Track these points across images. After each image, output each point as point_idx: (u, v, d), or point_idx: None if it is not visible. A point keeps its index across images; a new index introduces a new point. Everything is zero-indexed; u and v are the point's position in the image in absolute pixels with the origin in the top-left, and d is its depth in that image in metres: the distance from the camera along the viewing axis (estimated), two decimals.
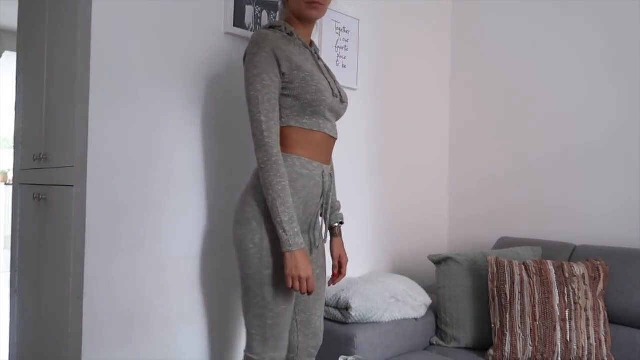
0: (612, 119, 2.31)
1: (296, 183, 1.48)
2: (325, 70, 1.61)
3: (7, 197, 5.71)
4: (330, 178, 1.58)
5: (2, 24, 5.36)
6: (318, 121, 1.52)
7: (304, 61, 1.50)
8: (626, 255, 2.05)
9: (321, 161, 1.55)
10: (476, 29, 2.84)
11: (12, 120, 2.51)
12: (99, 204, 1.58)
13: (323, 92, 1.50)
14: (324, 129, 1.54)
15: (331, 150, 1.62)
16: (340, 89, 1.62)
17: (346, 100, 1.63)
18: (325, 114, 1.53)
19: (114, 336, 1.62)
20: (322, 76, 1.54)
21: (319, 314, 1.67)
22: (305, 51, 1.55)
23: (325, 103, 1.51)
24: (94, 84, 1.57)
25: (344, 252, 1.76)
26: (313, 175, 1.52)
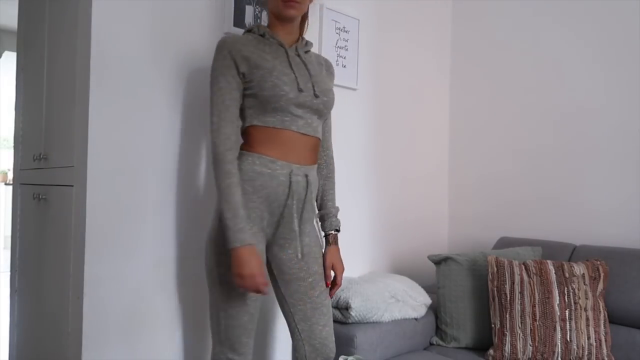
0: (612, 118, 2.31)
1: (255, 182, 1.46)
2: (302, 66, 1.54)
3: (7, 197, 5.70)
4: (305, 179, 1.52)
5: (2, 24, 5.36)
6: (283, 119, 1.48)
7: (270, 59, 1.48)
8: (626, 255, 2.05)
9: (290, 160, 1.49)
10: (476, 29, 2.84)
11: (12, 120, 2.51)
12: (99, 204, 1.58)
13: (281, 86, 1.45)
14: (291, 126, 1.48)
15: (310, 149, 1.55)
16: (317, 83, 1.53)
17: (325, 95, 1.54)
18: (291, 110, 1.47)
19: (114, 336, 1.62)
20: (287, 71, 1.48)
21: (322, 323, 1.59)
22: (279, 49, 1.53)
23: (285, 98, 1.45)
24: (94, 84, 1.57)
25: (339, 261, 1.67)
26: (276, 175, 1.47)
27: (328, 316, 1.61)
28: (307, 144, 1.54)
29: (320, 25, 2.21)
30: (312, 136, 1.54)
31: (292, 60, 1.52)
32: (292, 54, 1.55)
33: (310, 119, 1.53)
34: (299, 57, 1.56)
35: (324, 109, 1.55)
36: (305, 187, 1.52)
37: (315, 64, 1.62)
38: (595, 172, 2.36)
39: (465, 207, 2.86)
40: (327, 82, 1.61)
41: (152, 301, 1.70)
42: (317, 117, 1.55)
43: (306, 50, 1.61)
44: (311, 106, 1.52)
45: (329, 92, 1.57)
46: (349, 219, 2.37)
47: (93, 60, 1.56)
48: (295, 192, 1.50)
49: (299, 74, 1.51)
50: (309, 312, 1.58)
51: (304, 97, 1.49)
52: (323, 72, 1.63)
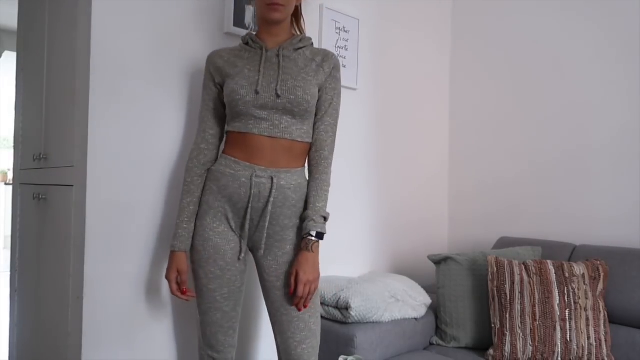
0: (612, 119, 2.31)
1: (219, 182, 1.53)
2: (275, 66, 1.52)
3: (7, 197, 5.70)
4: (270, 181, 1.48)
5: (2, 24, 5.36)
6: (247, 122, 1.50)
7: (240, 65, 1.54)
8: (626, 255, 2.05)
9: (255, 162, 1.49)
10: (476, 29, 2.84)
11: (12, 120, 2.51)
12: (99, 204, 1.58)
13: (237, 91, 1.49)
14: (253, 129, 1.49)
15: (283, 152, 1.51)
16: (284, 82, 1.49)
17: (290, 93, 1.48)
18: (253, 114, 1.49)
19: (114, 336, 1.62)
20: (251, 74, 1.51)
21: (297, 339, 1.50)
22: (256, 53, 1.56)
23: (242, 102, 1.48)
24: (94, 84, 1.57)
25: (303, 269, 1.46)
26: (237, 176, 1.50)
27: (307, 333, 1.51)
28: (277, 147, 1.50)
29: (320, 25, 2.21)
30: (281, 138, 1.50)
31: (265, 62, 1.53)
32: (271, 55, 1.54)
33: (278, 120, 1.50)
34: (278, 57, 1.54)
35: (293, 108, 1.49)
36: (270, 189, 1.48)
37: (302, 60, 1.56)
38: (595, 173, 2.36)
39: (465, 207, 2.86)
40: (305, 78, 1.52)
41: (152, 301, 1.71)
42: (289, 117, 1.51)
43: (297, 47, 1.57)
44: (275, 107, 1.49)
45: (297, 90, 1.49)
46: (349, 218, 2.37)
47: (93, 60, 1.56)
48: (256, 194, 1.49)
49: (266, 75, 1.51)
50: (285, 325, 1.51)
51: (263, 99, 1.48)
52: (307, 69, 1.55)
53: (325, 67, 1.58)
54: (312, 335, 1.52)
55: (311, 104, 1.52)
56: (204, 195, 1.56)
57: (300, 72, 1.53)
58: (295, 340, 1.50)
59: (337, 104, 1.61)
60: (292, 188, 1.52)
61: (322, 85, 1.57)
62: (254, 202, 1.50)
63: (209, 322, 1.55)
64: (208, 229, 1.53)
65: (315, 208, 1.51)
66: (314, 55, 1.59)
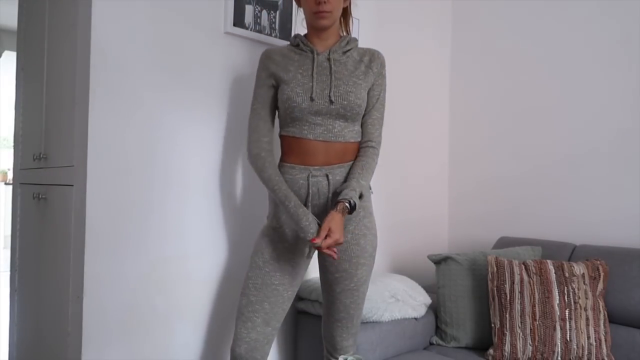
0: (612, 119, 2.31)
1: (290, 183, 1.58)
2: (327, 71, 1.57)
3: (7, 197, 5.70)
4: (326, 178, 1.55)
5: (2, 23, 5.36)
6: (302, 127, 1.55)
7: (293, 70, 1.57)
8: (626, 254, 2.05)
9: (309, 164, 1.56)
10: (476, 29, 2.84)
11: (12, 119, 2.51)
12: (99, 204, 1.58)
13: (293, 98, 1.53)
14: (309, 135, 1.55)
15: (335, 154, 1.57)
16: (336, 87, 1.54)
17: (343, 99, 1.54)
18: (308, 119, 1.55)
19: (114, 336, 1.62)
20: (305, 81, 1.55)
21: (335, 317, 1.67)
22: (307, 57, 1.59)
23: (298, 109, 1.53)
24: (94, 84, 1.57)
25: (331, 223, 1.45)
26: (296, 179, 1.56)
27: (344, 315, 1.64)
28: (330, 150, 1.57)
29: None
30: (335, 142, 1.56)
31: (317, 67, 1.57)
32: (321, 59, 1.59)
33: (332, 124, 1.56)
34: (329, 61, 1.58)
35: (345, 113, 1.55)
36: (327, 185, 1.55)
37: (352, 63, 1.61)
38: (595, 173, 2.36)
39: (465, 206, 2.86)
40: (356, 82, 1.57)
41: (152, 301, 1.71)
42: (342, 121, 1.57)
43: (345, 50, 1.62)
44: (328, 112, 1.55)
45: (349, 95, 1.55)
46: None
47: (93, 60, 1.56)
48: (315, 192, 1.55)
49: (319, 80, 1.55)
50: (329, 304, 1.66)
51: (317, 105, 1.53)
52: (357, 72, 1.59)
53: (374, 67, 1.63)
54: (349, 317, 1.65)
55: (362, 107, 1.59)
56: (270, 199, 1.63)
57: (351, 76, 1.58)
58: (333, 317, 1.66)
59: (384, 98, 1.67)
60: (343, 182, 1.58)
61: (371, 85, 1.62)
62: (314, 200, 1.55)
63: (238, 306, 1.61)
64: (271, 227, 1.62)
65: (360, 183, 1.54)
66: (361, 56, 1.64)
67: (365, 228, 1.62)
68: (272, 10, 1.99)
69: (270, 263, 1.58)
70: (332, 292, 1.63)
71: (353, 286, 1.61)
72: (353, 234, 1.60)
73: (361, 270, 1.61)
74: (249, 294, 1.58)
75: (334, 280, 1.61)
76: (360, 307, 1.66)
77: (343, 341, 1.67)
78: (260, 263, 1.59)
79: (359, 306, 1.66)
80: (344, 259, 1.59)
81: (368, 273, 1.64)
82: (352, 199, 1.48)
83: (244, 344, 1.56)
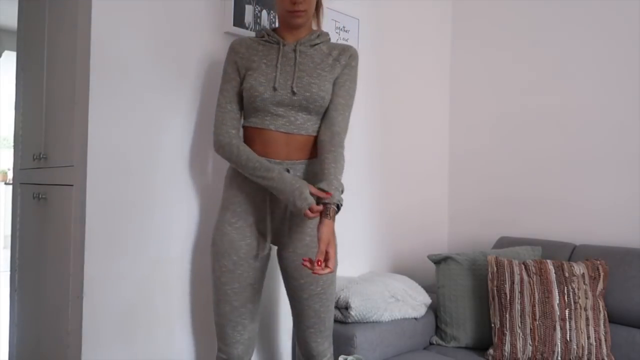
0: (612, 118, 2.31)
1: (238, 178, 1.56)
2: (292, 62, 1.54)
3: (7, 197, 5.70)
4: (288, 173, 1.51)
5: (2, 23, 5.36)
6: (264, 118, 1.53)
7: (257, 60, 1.55)
8: (626, 254, 2.05)
9: (270, 157, 1.53)
10: (476, 28, 2.84)
11: (12, 119, 2.51)
12: (99, 204, 1.58)
13: (256, 87, 1.51)
14: (270, 125, 1.52)
15: (297, 147, 1.54)
16: (300, 79, 1.51)
17: (306, 90, 1.51)
18: (270, 110, 1.52)
19: (114, 335, 1.62)
20: (269, 70, 1.53)
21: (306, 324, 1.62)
22: (273, 48, 1.57)
23: (260, 98, 1.51)
24: (94, 84, 1.57)
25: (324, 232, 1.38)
26: None
27: (315, 319, 1.59)
28: (292, 143, 1.54)
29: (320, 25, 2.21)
30: (297, 134, 1.54)
31: (282, 58, 1.55)
32: (287, 50, 1.57)
33: (294, 116, 1.53)
34: (294, 52, 1.56)
35: (308, 105, 1.53)
36: None
37: (319, 56, 1.59)
38: (595, 172, 2.36)
39: (465, 206, 2.86)
40: (320, 74, 1.54)
41: (152, 301, 1.71)
42: (305, 114, 1.54)
43: (314, 43, 1.60)
44: (291, 104, 1.52)
45: (312, 86, 1.52)
46: (349, 218, 2.37)
47: (93, 60, 1.56)
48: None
49: (283, 71, 1.53)
50: (298, 312, 1.62)
51: (280, 95, 1.51)
52: (322, 64, 1.57)
53: (342, 60, 1.60)
54: (320, 321, 1.60)
55: (326, 100, 1.55)
56: (225, 191, 1.60)
57: (316, 67, 1.56)
58: (305, 324, 1.61)
59: (350, 88, 1.60)
60: (310, 179, 1.54)
61: (337, 79, 1.59)
62: (273, 195, 1.52)
63: (219, 313, 1.57)
64: (227, 224, 1.56)
65: (337, 179, 1.46)
66: (330, 50, 1.61)
67: None
68: (272, 10, 1.99)
69: (240, 264, 1.54)
70: (300, 299, 1.59)
71: (320, 290, 1.57)
72: (311, 236, 1.56)
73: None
74: (230, 300, 1.54)
75: (299, 286, 1.58)
76: (330, 309, 1.63)
77: (319, 346, 1.62)
78: (230, 266, 1.53)
79: (329, 308, 1.62)
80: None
81: (333, 275, 1.59)
82: (339, 202, 1.43)
83: (240, 345, 1.58)
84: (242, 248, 1.54)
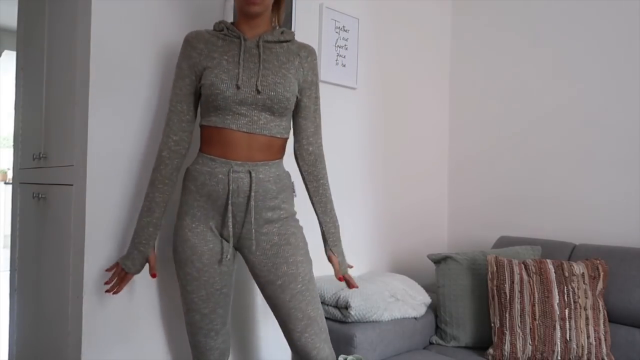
0: (612, 117, 2.31)
1: (197, 181, 1.48)
2: (256, 59, 1.48)
3: (7, 196, 5.71)
4: (249, 176, 1.45)
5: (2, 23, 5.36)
6: (225, 117, 1.45)
7: (217, 56, 1.47)
8: (626, 254, 2.05)
9: (231, 158, 1.46)
10: (476, 28, 2.84)
11: (11, 119, 2.51)
12: (99, 203, 1.58)
13: (217, 85, 1.43)
14: (231, 125, 1.45)
15: (259, 148, 1.48)
16: (264, 77, 1.45)
17: (270, 89, 1.45)
18: (232, 109, 1.44)
19: (114, 335, 1.62)
20: (231, 67, 1.45)
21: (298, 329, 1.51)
22: (233, 43, 1.50)
23: (221, 97, 1.42)
24: (94, 83, 1.57)
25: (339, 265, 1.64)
26: (214, 173, 1.46)
27: (307, 321, 1.49)
28: (254, 143, 1.47)
29: (319, 25, 2.21)
30: (259, 135, 1.47)
31: (244, 54, 1.47)
32: (250, 45, 1.49)
33: (257, 116, 1.46)
34: (258, 48, 1.49)
35: (272, 105, 1.46)
36: (249, 183, 1.45)
37: (284, 55, 1.52)
38: (594, 171, 2.36)
39: (465, 206, 2.87)
40: (284, 74, 1.49)
41: (152, 301, 1.71)
42: (268, 114, 1.47)
43: (278, 40, 1.53)
44: (254, 103, 1.45)
45: (277, 86, 1.46)
46: (349, 218, 2.37)
47: (93, 60, 1.56)
48: (235, 189, 1.45)
49: (246, 67, 1.46)
50: (284, 318, 1.51)
51: (243, 94, 1.44)
52: (288, 64, 1.52)
53: (309, 61, 1.56)
54: (313, 322, 1.50)
55: (291, 101, 1.50)
56: (183, 195, 1.52)
57: (281, 67, 1.49)
58: (297, 331, 1.49)
59: (317, 91, 1.61)
60: (272, 180, 1.49)
61: (303, 81, 1.55)
62: (234, 198, 1.45)
63: (189, 322, 1.53)
64: (187, 229, 1.48)
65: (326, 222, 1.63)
66: (299, 50, 1.56)
67: (292, 227, 1.53)
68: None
69: (205, 270, 1.47)
70: (283, 303, 1.49)
71: (301, 287, 1.50)
72: (279, 235, 1.51)
73: (302, 268, 1.51)
74: (199, 308, 1.49)
75: (279, 289, 1.49)
76: (318, 306, 1.53)
77: (320, 352, 1.50)
78: (195, 274, 1.47)
79: (317, 306, 1.53)
80: (279, 262, 1.49)
81: (310, 270, 1.54)
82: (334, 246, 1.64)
83: (216, 350, 1.56)
84: (205, 254, 1.47)
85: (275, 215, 1.51)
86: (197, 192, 1.48)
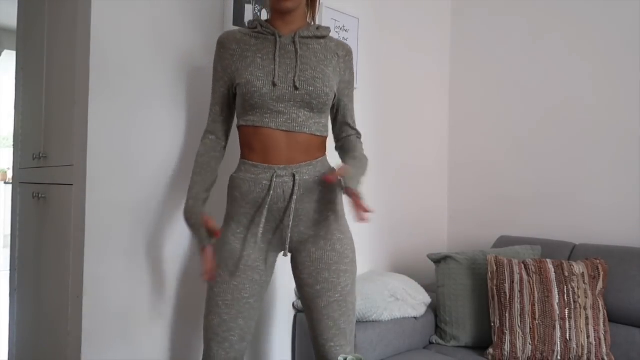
0: (611, 117, 2.31)
1: (241, 188, 1.44)
2: (292, 55, 1.43)
3: (7, 196, 5.71)
4: (292, 179, 1.41)
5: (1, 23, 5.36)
6: (263, 116, 1.41)
7: (251, 54, 1.44)
8: (625, 253, 2.05)
9: (273, 162, 1.42)
10: (475, 28, 2.84)
11: (11, 119, 2.51)
12: (98, 203, 1.58)
13: (253, 82, 1.38)
14: (270, 123, 1.40)
15: (300, 148, 1.43)
16: (302, 72, 1.41)
17: (309, 84, 1.41)
18: (269, 107, 1.40)
19: (114, 335, 1.62)
20: (266, 64, 1.41)
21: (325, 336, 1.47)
22: (268, 40, 1.46)
23: (258, 94, 1.38)
24: (94, 83, 1.57)
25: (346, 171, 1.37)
26: (259, 180, 1.42)
27: (336, 331, 1.46)
28: (293, 143, 1.42)
29: (320, 22, 2.21)
30: (299, 133, 1.42)
31: (279, 50, 1.43)
32: (285, 41, 1.45)
33: (296, 113, 1.41)
34: (294, 44, 1.44)
35: (311, 100, 1.41)
36: (292, 187, 1.40)
37: (321, 51, 1.48)
38: (594, 171, 2.36)
39: (464, 205, 2.87)
40: (323, 70, 1.45)
41: (152, 300, 1.71)
42: (307, 111, 1.43)
43: (314, 35, 1.49)
44: (292, 99, 1.40)
45: (316, 81, 1.41)
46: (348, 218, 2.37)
47: (93, 59, 1.56)
48: (278, 193, 1.41)
49: (282, 64, 1.42)
50: (315, 322, 1.48)
51: (280, 90, 1.39)
52: (326, 61, 1.48)
53: (347, 60, 1.54)
54: (342, 334, 1.47)
55: (330, 97, 1.45)
56: (228, 204, 1.49)
57: (320, 63, 1.45)
58: (323, 338, 1.46)
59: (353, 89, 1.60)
60: (317, 180, 1.44)
61: (341, 81, 1.53)
62: (273, 204, 1.41)
63: (206, 326, 1.46)
64: (230, 233, 1.46)
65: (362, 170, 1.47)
66: (337, 49, 1.52)
67: (339, 232, 1.49)
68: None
69: (237, 275, 1.43)
70: (317, 308, 1.46)
71: (339, 297, 1.45)
72: (325, 239, 1.46)
73: (344, 278, 1.46)
74: (221, 312, 1.43)
75: (316, 294, 1.45)
76: (351, 320, 1.49)
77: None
78: (226, 277, 1.43)
79: (350, 319, 1.48)
80: (322, 268, 1.44)
81: (352, 281, 1.48)
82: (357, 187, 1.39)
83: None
84: (242, 259, 1.43)
85: (322, 217, 1.47)
86: (242, 199, 1.44)
